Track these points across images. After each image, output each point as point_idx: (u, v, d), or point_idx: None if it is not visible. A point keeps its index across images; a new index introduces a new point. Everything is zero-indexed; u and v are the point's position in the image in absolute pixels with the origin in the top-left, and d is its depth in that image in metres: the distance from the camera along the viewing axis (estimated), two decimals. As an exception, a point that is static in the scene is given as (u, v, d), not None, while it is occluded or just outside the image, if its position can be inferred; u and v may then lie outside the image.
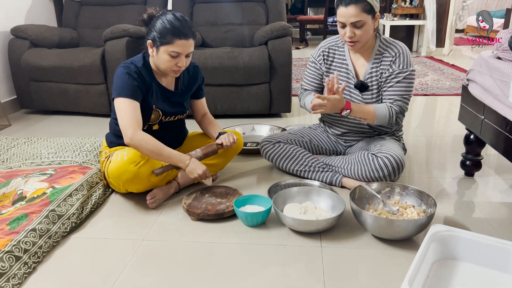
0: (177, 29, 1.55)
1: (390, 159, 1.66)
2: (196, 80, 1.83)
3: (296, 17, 7.10)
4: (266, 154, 1.94)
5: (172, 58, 1.58)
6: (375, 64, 1.75)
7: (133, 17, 3.32)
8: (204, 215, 1.56)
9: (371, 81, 1.76)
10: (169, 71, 1.63)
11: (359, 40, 1.66)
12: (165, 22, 1.56)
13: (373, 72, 1.75)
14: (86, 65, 2.84)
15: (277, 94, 2.85)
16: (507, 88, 1.47)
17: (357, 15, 1.59)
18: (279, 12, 3.26)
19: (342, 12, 1.61)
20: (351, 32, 1.63)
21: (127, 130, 1.56)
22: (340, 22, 1.65)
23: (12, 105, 3.14)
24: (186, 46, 1.58)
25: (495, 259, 1.22)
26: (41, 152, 2.17)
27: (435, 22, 5.48)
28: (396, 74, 1.71)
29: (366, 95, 1.77)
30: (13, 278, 1.23)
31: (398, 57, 1.71)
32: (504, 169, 2.03)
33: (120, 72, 1.62)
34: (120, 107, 1.59)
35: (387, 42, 1.76)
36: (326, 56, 1.85)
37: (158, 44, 1.58)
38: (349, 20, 1.60)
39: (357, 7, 1.59)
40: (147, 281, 1.25)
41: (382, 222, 1.38)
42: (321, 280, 1.24)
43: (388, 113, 1.70)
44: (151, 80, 1.68)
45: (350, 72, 1.79)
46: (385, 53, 1.74)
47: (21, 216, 1.47)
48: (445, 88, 3.72)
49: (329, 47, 1.85)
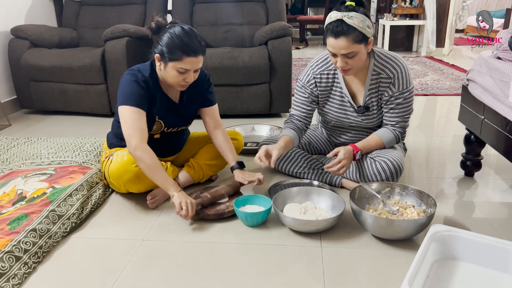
0: (186, 45, 1.49)
1: (388, 164, 1.66)
2: (201, 88, 1.76)
3: (296, 17, 7.11)
4: None
5: (180, 74, 1.53)
6: (372, 85, 1.67)
7: (133, 17, 3.32)
8: (204, 215, 1.56)
9: (371, 102, 1.71)
10: (176, 85, 1.59)
11: (352, 68, 1.57)
12: (174, 37, 1.49)
13: (371, 94, 1.69)
14: (86, 65, 2.84)
15: (277, 94, 2.85)
16: (507, 88, 1.47)
17: (348, 47, 1.48)
18: (279, 12, 3.26)
19: (332, 43, 1.51)
20: (342, 62, 1.54)
21: (131, 139, 1.51)
22: (330, 51, 1.55)
23: (12, 105, 3.14)
24: (195, 63, 1.53)
25: (495, 259, 1.22)
26: (41, 152, 2.17)
27: (435, 22, 5.48)
28: (397, 96, 1.66)
29: (365, 116, 1.74)
30: (13, 278, 1.23)
31: (397, 79, 1.63)
32: (504, 169, 2.03)
33: (127, 80, 1.57)
34: (125, 115, 1.54)
35: (382, 60, 1.65)
36: (318, 82, 1.74)
37: (167, 60, 1.52)
38: (340, 52, 1.51)
39: (348, 39, 1.47)
40: (147, 281, 1.25)
41: (382, 222, 1.38)
42: (321, 280, 1.24)
43: (395, 137, 1.71)
44: (156, 90, 1.63)
45: (345, 96, 1.72)
46: (382, 74, 1.65)
47: (21, 216, 1.47)
48: (445, 88, 3.72)
49: (321, 73, 1.73)
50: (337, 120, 1.80)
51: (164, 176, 1.54)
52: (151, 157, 1.52)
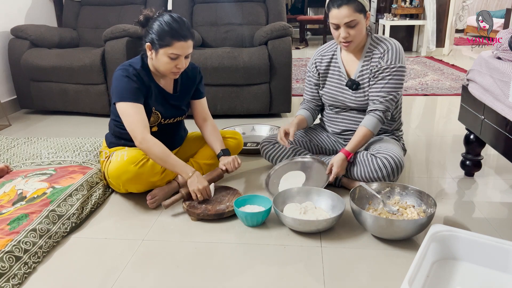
0: (175, 31, 1.54)
1: (389, 160, 1.66)
2: (194, 80, 1.81)
3: (296, 17, 7.11)
4: (266, 154, 1.95)
5: (171, 60, 1.57)
6: (366, 61, 1.76)
7: (133, 17, 3.28)
8: (204, 215, 1.56)
9: (362, 78, 1.77)
10: (168, 73, 1.62)
11: (353, 40, 1.67)
12: (163, 24, 1.54)
13: (364, 70, 1.76)
14: (86, 65, 2.84)
15: (277, 94, 2.85)
16: (507, 88, 1.47)
17: (350, 15, 1.61)
18: (279, 12, 3.26)
19: (335, 13, 1.62)
20: (345, 33, 1.64)
21: (135, 133, 1.56)
22: (333, 24, 1.65)
23: (12, 105, 3.14)
24: (185, 47, 1.57)
25: (495, 259, 1.22)
26: (41, 152, 2.17)
27: (435, 22, 5.48)
28: (384, 69, 1.70)
29: (359, 93, 1.78)
30: (13, 278, 1.23)
31: (387, 53, 1.71)
32: (504, 169, 2.03)
33: (118, 75, 1.60)
34: (124, 111, 1.58)
35: (378, 40, 1.76)
36: (319, 63, 1.88)
37: (157, 47, 1.56)
38: (343, 20, 1.62)
39: (349, 8, 1.60)
40: (147, 281, 1.25)
41: (382, 222, 1.38)
42: (321, 280, 1.24)
43: (378, 120, 1.71)
44: (150, 82, 1.66)
45: (342, 73, 1.81)
46: (375, 50, 1.75)
47: (21, 216, 1.47)
48: (445, 88, 3.72)
49: (322, 54, 1.88)
50: (334, 99, 1.86)
51: (175, 161, 1.60)
52: (158, 145, 1.57)
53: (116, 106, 1.59)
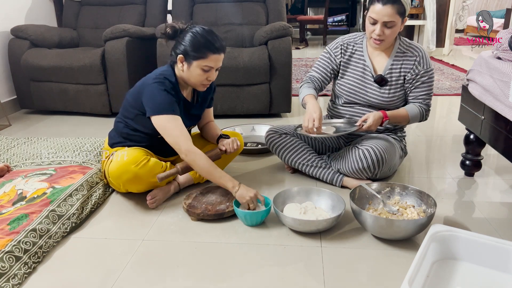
0: (210, 43, 1.55)
1: (369, 151, 1.67)
2: (210, 90, 1.82)
3: (296, 17, 7.10)
4: (271, 144, 1.93)
5: (204, 72, 1.58)
6: (397, 60, 1.78)
7: (133, 17, 3.32)
8: (204, 215, 1.56)
9: (391, 76, 1.78)
10: (199, 85, 1.63)
11: (386, 40, 1.69)
12: (198, 36, 1.55)
13: (393, 68, 1.78)
14: (86, 65, 2.84)
15: (277, 94, 2.85)
16: (507, 88, 1.47)
17: (391, 15, 1.62)
18: (279, 12, 3.26)
19: (378, 9, 1.62)
20: (380, 31, 1.65)
21: (180, 146, 1.55)
22: (371, 18, 1.66)
23: (12, 105, 3.14)
24: (219, 60, 1.59)
25: (495, 259, 1.22)
26: (41, 152, 2.17)
27: (435, 22, 5.48)
28: (422, 74, 1.76)
29: (384, 89, 1.78)
30: (13, 278, 1.23)
31: (422, 58, 1.76)
32: (504, 169, 2.03)
33: (155, 89, 1.58)
34: (164, 125, 1.57)
35: (407, 43, 1.80)
36: (344, 50, 1.86)
37: (191, 59, 1.57)
38: (383, 18, 1.63)
39: (393, 8, 1.61)
40: (147, 281, 1.25)
41: (382, 222, 1.38)
42: (321, 280, 1.24)
43: (420, 113, 1.78)
44: (178, 93, 1.68)
45: (367, 67, 1.81)
46: (407, 53, 1.77)
47: (21, 216, 1.47)
48: (445, 88, 3.72)
49: (348, 42, 1.86)
50: (352, 91, 1.83)
51: (221, 173, 1.58)
52: (203, 157, 1.56)
53: (154, 119, 1.58)
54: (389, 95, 1.78)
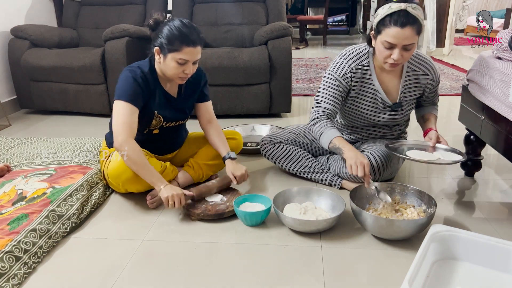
0: (185, 36, 1.53)
1: (370, 158, 1.65)
2: (199, 84, 1.80)
3: (296, 17, 7.10)
4: (266, 154, 1.94)
5: (179, 65, 1.57)
6: (408, 81, 1.70)
7: (133, 17, 3.32)
8: (204, 215, 1.56)
9: (404, 98, 1.72)
10: (175, 78, 1.62)
11: (402, 62, 1.55)
12: (173, 29, 1.54)
13: (406, 91, 1.71)
14: (86, 65, 2.84)
15: (277, 94, 2.85)
16: (507, 88, 1.47)
17: (412, 37, 1.47)
18: (279, 12, 3.25)
19: (395, 33, 1.46)
20: (399, 55, 1.49)
21: (118, 135, 1.54)
22: (388, 42, 1.49)
23: (12, 105, 3.14)
24: (193, 53, 1.57)
25: (495, 259, 1.22)
26: (41, 152, 2.17)
27: (435, 22, 5.48)
28: (435, 85, 1.76)
29: (395, 111, 1.74)
30: (13, 278, 1.23)
31: (433, 73, 1.71)
32: (504, 169, 2.03)
33: (125, 76, 1.60)
34: (118, 109, 1.57)
35: (414, 57, 1.69)
36: (354, 77, 1.67)
37: (166, 52, 1.56)
38: (403, 42, 1.47)
39: (413, 29, 1.46)
40: (147, 281, 1.25)
41: (382, 222, 1.38)
42: (321, 280, 1.24)
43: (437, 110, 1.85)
44: (156, 85, 1.66)
45: (378, 93, 1.69)
46: (418, 71, 1.69)
47: (21, 216, 1.46)
48: (445, 88, 3.72)
49: (355, 67, 1.67)
50: (364, 117, 1.76)
51: (151, 172, 1.56)
52: (137, 152, 1.54)
53: (114, 103, 1.60)
54: (401, 116, 1.76)
